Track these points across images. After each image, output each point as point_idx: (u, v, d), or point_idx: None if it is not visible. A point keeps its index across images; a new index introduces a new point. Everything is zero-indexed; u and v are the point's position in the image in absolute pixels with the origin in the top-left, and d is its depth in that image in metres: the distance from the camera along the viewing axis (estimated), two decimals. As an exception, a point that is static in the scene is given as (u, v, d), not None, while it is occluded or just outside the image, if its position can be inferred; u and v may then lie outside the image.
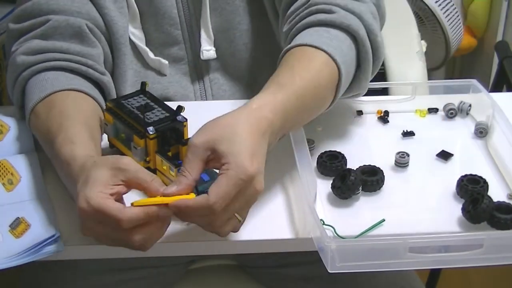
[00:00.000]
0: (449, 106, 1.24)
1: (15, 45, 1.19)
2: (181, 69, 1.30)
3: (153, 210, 0.91)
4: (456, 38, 2.30)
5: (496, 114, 1.17)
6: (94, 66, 1.18)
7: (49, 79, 1.13)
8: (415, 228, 1.02)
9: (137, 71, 1.27)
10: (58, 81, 1.13)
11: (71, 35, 1.18)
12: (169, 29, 1.27)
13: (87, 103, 1.12)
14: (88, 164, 0.95)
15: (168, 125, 1.08)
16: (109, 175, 0.93)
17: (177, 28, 1.27)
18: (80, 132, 1.04)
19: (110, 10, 1.22)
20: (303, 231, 1.01)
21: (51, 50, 1.16)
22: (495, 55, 2.22)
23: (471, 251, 0.96)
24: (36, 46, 1.17)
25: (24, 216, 1.03)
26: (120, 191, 0.93)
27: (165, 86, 1.29)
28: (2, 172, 1.09)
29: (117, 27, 1.22)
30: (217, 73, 1.31)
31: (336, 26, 1.09)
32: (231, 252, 1.10)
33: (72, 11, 1.19)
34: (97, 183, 0.92)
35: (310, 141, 1.15)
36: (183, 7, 1.26)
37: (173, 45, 1.28)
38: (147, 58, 1.27)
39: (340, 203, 1.06)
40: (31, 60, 1.15)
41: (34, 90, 1.13)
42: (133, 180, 0.93)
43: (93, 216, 0.91)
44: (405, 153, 1.13)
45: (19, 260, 0.96)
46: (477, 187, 1.05)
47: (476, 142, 1.19)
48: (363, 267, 0.96)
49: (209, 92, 1.31)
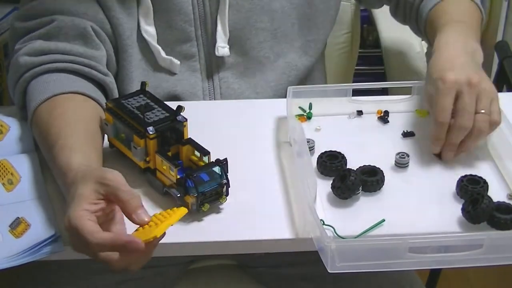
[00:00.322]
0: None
1: (18, 44, 1.20)
2: (192, 66, 1.30)
3: (119, 242, 0.90)
4: (456, 38, 2.30)
5: (496, 114, 1.17)
6: (97, 67, 1.18)
7: (51, 81, 1.13)
8: (415, 228, 1.02)
9: (145, 70, 1.27)
10: (60, 83, 1.13)
11: (75, 36, 1.18)
12: (183, 25, 1.26)
13: (88, 106, 1.13)
14: (79, 177, 0.96)
15: (168, 125, 1.08)
16: (91, 189, 0.93)
17: (190, 24, 1.27)
18: (79, 138, 1.04)
19: (117, 12, 1.22)
20: (303, 231, 1.01)
21: (53, 51, 1.16)
22: (495, 55, 2.21)
23: (471, 251, 0.96)
24: (39, 47, 1.17)
25: (24, 216, 1.03)
26: (103, 207, 0.93)
27: (173, 84, 1.29)
28: (2, 172, 1.09)
29: (123, 29, 1.22)
30: (227, 72, 1.31)
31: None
32: (231, 252, 1.10)
33: (78, 12, 1.19)
34: (81, 200, 0.92)
35: (310, 141, 1.15)
36: (198, 4, 1.26)
37: (186, 42, 1.28)
38: (158, 57, 1.27)
39: (340, 203, 1.06)
40: (34, 61, 1.15)
41: (36, 92, 1.13)
42: (112, 196, 0.93)
43: (72, 234, 0.92)
44: (405, 154, 1.13)
45: (19, 260, 0.97)
46: (477, 187, 1.05)
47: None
48: (363, 267, 0.96)
49: (217, 91, 1.31)
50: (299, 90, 1.22)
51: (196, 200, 1.01)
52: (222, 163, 1.03)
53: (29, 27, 1.20)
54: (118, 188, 0.93)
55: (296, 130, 1.13)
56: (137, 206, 0.93)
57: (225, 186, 1.03)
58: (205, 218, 1.03)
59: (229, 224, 1.02)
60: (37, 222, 1.02)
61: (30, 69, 1.15)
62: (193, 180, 1.01)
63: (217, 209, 1.04)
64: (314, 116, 1.23)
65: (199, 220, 1.03)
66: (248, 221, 1.03)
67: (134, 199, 0.93)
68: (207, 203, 1.02)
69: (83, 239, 0.90)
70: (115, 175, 0.94)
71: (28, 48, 1.17)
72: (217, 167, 1.03)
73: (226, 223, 1.03)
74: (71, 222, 0.91)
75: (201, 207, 1.02)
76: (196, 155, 1.06)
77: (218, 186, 1.03)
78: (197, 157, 1.06)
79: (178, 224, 1.00)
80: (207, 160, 1.04)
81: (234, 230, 1.02)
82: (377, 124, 1.23)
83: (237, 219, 1.03)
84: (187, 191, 1.01)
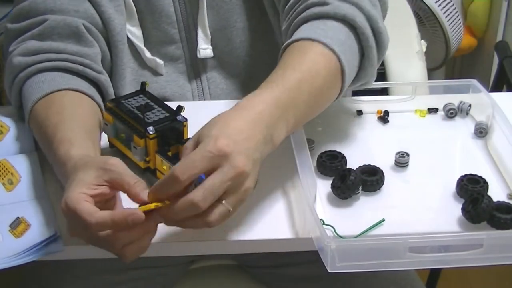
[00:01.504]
0: (449, 106, 1.24)
1: (12, 45, 1.20)
2: (178, 68, 1.30)
3: (119, 217, 0.88)
4: (456, 38, 2.30)
5: (496, 114, 1.17)
6: (91, 65, 1.18)
7: (45, 80, 1.13)
8: (415, 228, 1.02)
9: (134, 69, 1.27)
10: (55, 81, 1.13)
11: (68, 35, 1.18)
12: (166, 27, 1.27)
13: (84, 103, 1.12)
14: (79, 165, 0.95)
15: (168, 125, 1.08)
16: (94, 175, 0.92)
17: (174, 27, 1.27)
18: (77, 132, 1.04)
19: (107, 8, 1.22)
20: (303, 231, 1.01)
21: (47, 51, 1.16)
22: (495, 55, 2.21)
23: (471, 251, 0.96)
24: (32, 47, 1.17)
25: (24, 216, 1.03)
26: (104, 192, 0.92)
27: (162, 86, 1.29)
28: (2, 172, 1.09)
29: (114, 24, 1.22)
30: (214, 72, 1.31)
31: (331, 17, 1.08)
32: (231, 252, 1.10)
33: (69, 10, 1.19)
34: (81, 184, 0.91)
35: (310, 141, 1.15)
36: (180, 6, 1.26)
37: (170, 44, 1.28)
38: (144, 57, 1.27)
39: (340, 203, 1.06)
40: (28, 61, 1.15)
41: (31, 91, 1.13)
42: (116, 181, 0.92)
43: (69, 217, 0.90)
44: (405, 153, 1.13)
45: (19, 260, 0.97)
46: (477, 187, 1.05)
47: (476, 142, 1.19)
48: (363, 267, 0.96)
49: (206, 91, 1.31)
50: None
51: (196, 200, 1.01)
52: (222, 163, 1.03)
53: (21, 28, 1.20)
54: (122, 172, 0.92)
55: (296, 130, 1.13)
56: (144, 187, 0.92)
57: (225, 186, 1.03)
58: (205, 218, 1.03)
59: (229, 224, 1.02)
60: (37, 222, 1.02)
61: (24, 69, 1.15)
62: (193, 180, 1.01)
63: (217, 209, 1.04)
64: (313, 116, 1.23)
65: (199, 220, 1.02)
66: (248, 221, 1.03)
67: (139, 182, 0.92)
68: (207, 203, 1.02)
69: (81, 220, 0.88)
70: (117, 161, 0.93)
71: (21, 48, 1.17)
72: (217, 167, 1.03)
73: (226, 223, 1.02)
74: (68, 204, 0.89)
75: (201, 207, 1.02)
76: (196, 155, 1.06)
77: (218, 186, 1.02)
78: (197, 157, 1.06)
79: (178, 224, 1.01)
80: (207, 160, 1.04)
81: (234, 230, 1.02)
82: (377, 124, 1.23)
83: (237, 219, 1.03)
84: (187, 191, 1.01)
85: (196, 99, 1.31)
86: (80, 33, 1.19)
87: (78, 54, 1.18)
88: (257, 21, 1.29)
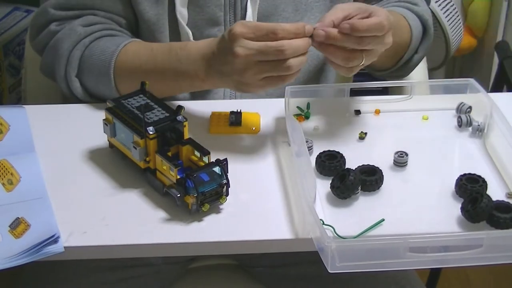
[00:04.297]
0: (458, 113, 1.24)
1: (54, 25, 1.27)
2: None
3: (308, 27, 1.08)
4: (456, 38, 2.30)
5: (494, 113, 1.17)
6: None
7: (115, 37, 1.26)
8: (414, 227, 1.02)
9: None
10: (122, 38, 1.26)
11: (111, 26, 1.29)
12: (214, 9, 1.28)
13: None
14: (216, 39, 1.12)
15: (168, 125, 1.08)
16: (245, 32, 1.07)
17: (220, 9, 1.28)
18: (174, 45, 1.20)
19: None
20: (303, 231, 1.01)
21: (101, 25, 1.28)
22: (495, 55, 2.22)
23: (470, 251, 0.96)
24: (90, 20, 1.26)
25: (24, 216, 1.03)
26: None
27: None
28: (2, 172, 1.09)
29: (148, 16, 1.27)
30: None
31: (418, 16, 1.35)
32: (231, 252, 1.10)
33: (117, 10, 1.28)
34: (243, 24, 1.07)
35: (309, 141, 1.15)
36: None
37: (214, 26, 1.29)
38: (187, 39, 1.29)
39: (339, 203, 1.06)
40: (93, 29, 1.26)
41: (109, 44, 1.23)
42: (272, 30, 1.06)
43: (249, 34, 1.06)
44: (403, 153, 1.13)
45: (19, 260, 0.97)
46: (476, 186, 1.06)
47: (474, 141, 1.19)
48: (363, 267, 0.96)
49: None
50: (297, 90, 1.22)
51: (196, 200, 1.01)
52: (222, 163, 1.03)
53: (67, 16, 1.27)
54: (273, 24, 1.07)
55: (295, 130, 1.13)
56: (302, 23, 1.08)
57: (225, 186, 1.03)
58: (205, 218, 1.03)
59: (229, 224, 1.02)
60: (37, 222, 1.02)
61: (89, 35, 1.25)
62: (193, 180, 1.01)
63: (217, 209, 1.04)
64: (312, 115, 1.23)
65: (199, 220, 1.03)
66: (248, 221, 1.03)
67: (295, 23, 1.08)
68: (207, 203, 1.02)
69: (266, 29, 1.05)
70: None
71: (82, 20, 1.26)
72: (217, 167, 1.03)
73: (226, 223, 1.03)
74: (247, 24, 1.07)
75: (201, 207, 1.02)
76: (196, 155, 1.06)
77: (218, 186, 1.03)
78: (197, 157, 1.06)
79: (178, 224, 1.01)
80: (207, 160, 1.05)
81: (234, 230, 1.02)
82: (376, 123, 1.23)
83: (237, 219, 1.03)
84: (187, 191, 1.01)
85: (227, 92, 1.32)
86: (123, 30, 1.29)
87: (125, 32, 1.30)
88: (300, 15, 1.31)
